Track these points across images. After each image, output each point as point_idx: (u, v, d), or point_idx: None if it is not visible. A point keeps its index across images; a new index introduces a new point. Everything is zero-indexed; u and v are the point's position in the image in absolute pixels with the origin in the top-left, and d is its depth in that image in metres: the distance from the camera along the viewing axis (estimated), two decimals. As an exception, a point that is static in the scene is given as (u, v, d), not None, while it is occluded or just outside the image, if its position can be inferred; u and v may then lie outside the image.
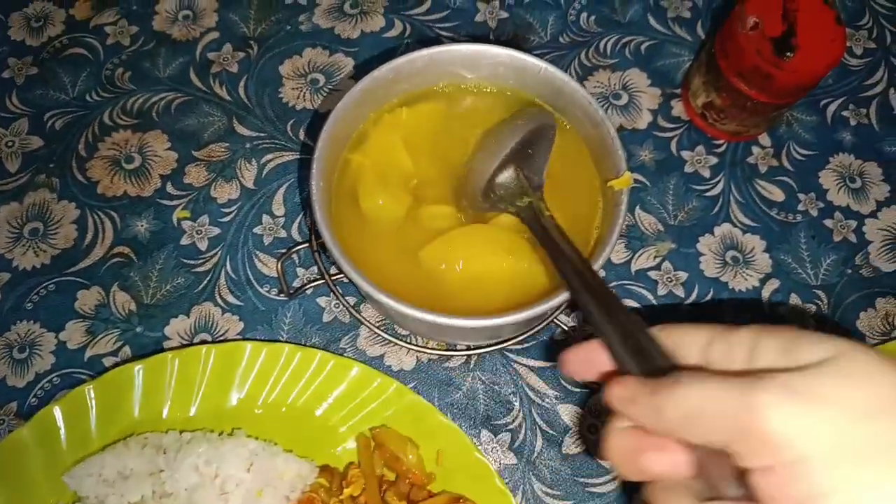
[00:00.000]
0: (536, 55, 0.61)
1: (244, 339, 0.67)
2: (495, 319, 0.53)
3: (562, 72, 0.61)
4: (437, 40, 0.82)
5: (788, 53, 0.66)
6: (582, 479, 0.64)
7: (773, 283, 0.72)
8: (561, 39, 0.83)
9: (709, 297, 0.71)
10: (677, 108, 0.80)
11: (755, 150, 0.78)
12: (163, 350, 0.67)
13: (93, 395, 0.61)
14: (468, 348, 0.68)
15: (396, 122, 0.63)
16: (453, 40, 0.82)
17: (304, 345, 0.67)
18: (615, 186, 0.57)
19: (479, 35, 0.82)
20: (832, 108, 0.81)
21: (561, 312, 0.68)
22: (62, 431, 0.60)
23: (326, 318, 0.69)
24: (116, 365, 0.66)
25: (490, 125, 0.63)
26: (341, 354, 0.67)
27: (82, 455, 0.60)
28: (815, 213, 0.75)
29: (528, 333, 0.66)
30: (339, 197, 0.61)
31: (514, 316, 0.53)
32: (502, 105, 0.64)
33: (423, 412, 0.61)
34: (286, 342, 0.66)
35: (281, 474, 0.58)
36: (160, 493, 0.57)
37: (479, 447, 0.64)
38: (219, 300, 0.70)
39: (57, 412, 0.60)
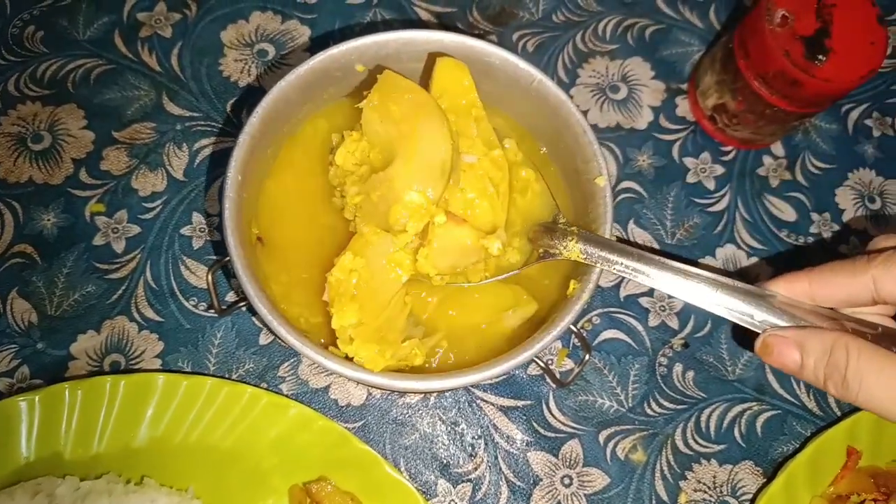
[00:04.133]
0: (524, 35, 0.50)
1: (161, 370, 0.57)
2: (456, 379, 0.43)
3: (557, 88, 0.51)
4: (411, 15, 0.71)
5: (821, 56, 0.55)
6: (551, 541, 0.56)
7: (778, 317, 0.63)
8: (554, 17, 0.72)
9: (706, 330, 0.62)
10: (683, 106, 0.69)
11: (767, 160, 0.68)
12: (66, 374, 0.57)
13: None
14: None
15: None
16: (435, 19, 0.70)
17: (235, 373, 0.57)
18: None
19: (461, 6, 0.71)
20: (854, 114, 0.71)
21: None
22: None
23: (263, 340, 0.59)
24: (12, 388, 0.56)
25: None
26: (278, 385, 0.57)
27: (-42, 504, 0.50)
28: (828, 235, 0.67)
29: (505, 366, 0.57)
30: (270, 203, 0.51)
31: (483, 373, 0.44)
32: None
33: (370, 464, 0.52)
34: (210, 375, 0.56)
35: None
36: (49, 554, 0.48)
37: (435, 500, 0.56)
38: (135, 314, 0.59)
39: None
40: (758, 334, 0.43)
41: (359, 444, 0.52)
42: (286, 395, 0.57)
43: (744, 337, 0.62)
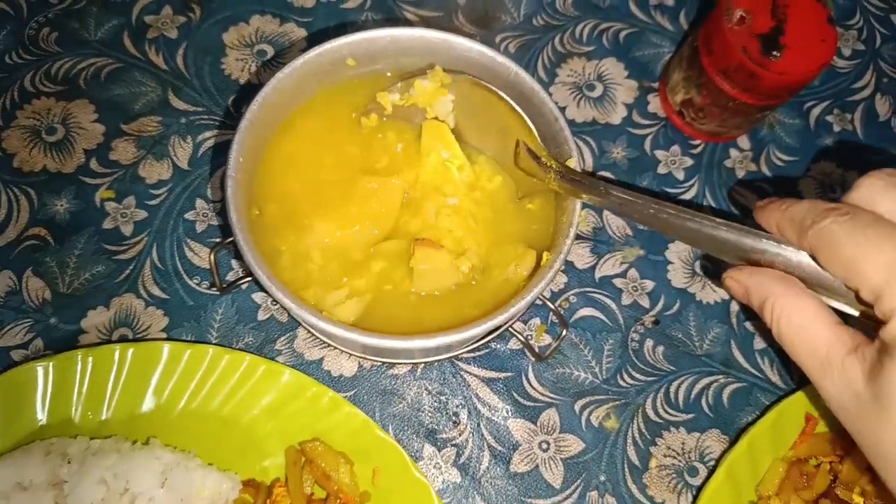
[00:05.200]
0: (507, 37, 0.55)
1: (166, 339, 0.61)
2: (439, 338, 0.47)
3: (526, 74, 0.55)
4: (400, 17, 0.76)
5: (776, 52, 0.60)
6: (529, 500, 0.60)
7: (744, 297, 0.68)
8: (534, 21, 0.77)
9: (675, 308, 0.67)
10: (654, 103, 0.74)
11: (733, 152, 0.73)
12: (77, 345, 0.61)
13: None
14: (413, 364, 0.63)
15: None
16: (423, 23, 0.76)
17: (235, 346, 0.61)
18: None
19: (448, 11, 0.76)
20: (816, 111, 0.76)
21: (517, 321, 0.64)
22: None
23: (262, 315, 0.64)
24: (26, 359, 0.60)
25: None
26: (275, 357, 0.61)
27: (-24, 462, 0.54)
28: (791, 222, 0.71)
29: (482, 342, 0.61)
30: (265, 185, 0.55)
31: (461, 334, 0.48)
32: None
33: (360, 426, 0.56)
34: (213, 344, 0.60)
35: (199, 490, 0.53)
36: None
37: (421, 463, 0.60)
38: (142, 292, 0.63)
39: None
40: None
41: (350, 407, 0.56)
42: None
43: (710, 315, 0.67)
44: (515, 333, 0.63)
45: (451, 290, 0.54)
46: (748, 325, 0.67)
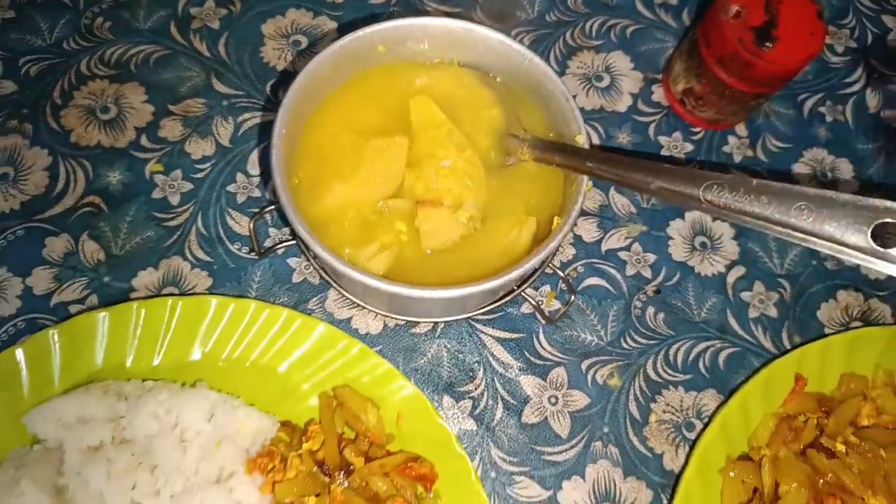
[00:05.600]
0: (521, 32, 0.61)
1: (211, 294, 0.67)
2: (457, 290, 0.53)
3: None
4: (423, 12, 0.82)
5: (768, 44, 0.66)
6: (539, 448, 0.65)
7: (739, 270, 0.73)
8: (548, 17, 0.83)
9: (675, 279, 0.72)
10: (658, 93, 0.80)
11: (731, 139, 0.79)
12: (129, 300, 0.67)
13: (57, 339, 0.61)
14: (434, 323, 0.68)
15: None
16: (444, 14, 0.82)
17: (272, 303, 0.67)
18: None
19: (467, 7, 0.82)
20: (809, 103, 0.82)
21: (529, 286, 0.69)
22: (24, 374, 0.60)
23: (296, 278, 0.70)
24: (82, 312, 0.66)
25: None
26: (309, 315, 0.67)
27: (43, 398, 0.60)
28: (784, 204, 0.77)
29: (496, 304, 0.67)
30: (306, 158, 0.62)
31: (476, 287, 0.54)
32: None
33: (386, 375, 0.62)
34: (253, 299, 0.66)
35: (241, 427, 0.59)
36: (119, 438, 0.58)
37: (440, 412, 0.65)
38: (188, 255, 0.70)
39: (19, 354, 0.60)
40: None
41: (377, 358, 0.62)
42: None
43: (708, 286, 0.72)
44: (528, 298, 0.68)
45: (458, 243, 0.60)
46: (743, 295, 0.72)
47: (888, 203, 0.45)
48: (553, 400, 0.67)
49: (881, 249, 0.44)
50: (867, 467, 0.59)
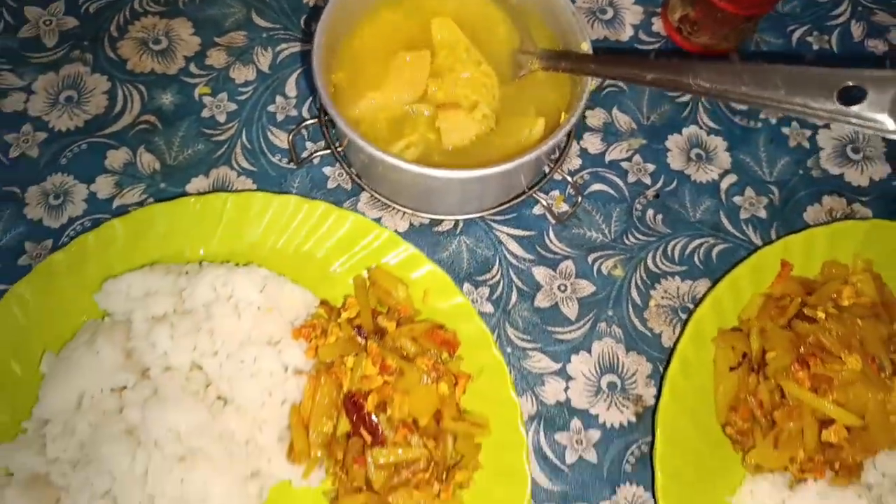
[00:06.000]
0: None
1: (258, 191, 0.76)
2: (474, 172, 0.61)
3: None
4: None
5: (753, -36, 0.74)
6: (549, 328, 0.72)
7: (731, 178, 0.80)
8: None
9: (672, 185, 0.79)
10: (657, 24, 0.88)
11: (724, 64, 0.86)
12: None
13: (121, 229, 0.69)
14: (456, 220, 0.76)
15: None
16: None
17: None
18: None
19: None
20: (798, 33, 0.89)
21: (539, 189, 0.77)
22: (93, 259, 0.68)
23: (331, 184, 0.78)
24: (141, 215, 0.75)
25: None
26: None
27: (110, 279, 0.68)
28: (774, 121, 0.84)
29: (510, 204, 0.75)
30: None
31: (491, 170, 0.62)
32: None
33: (413, 258, 0.70)
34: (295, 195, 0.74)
35: (287, 299, 0.66)
36: (181, 310, 0.66)
37: (461, 297, 0.73)
38: (235, 165, 0.78)
39: (90, 239, 0.68)
40: None
41: (405, 244, 0.70)
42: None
43: (703, 191, 0.79)
44: (539, 199, 0.76)
45: (475, 140, 0.68)
46: (735, 199, 0.79)
47: (850, 70, 0.52)
48: (562, 288, 0.74)
49: (845, 108, 0.52)
50: (844, 332, 0.65)
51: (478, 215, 0.75)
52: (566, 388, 0.71)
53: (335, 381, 0.63)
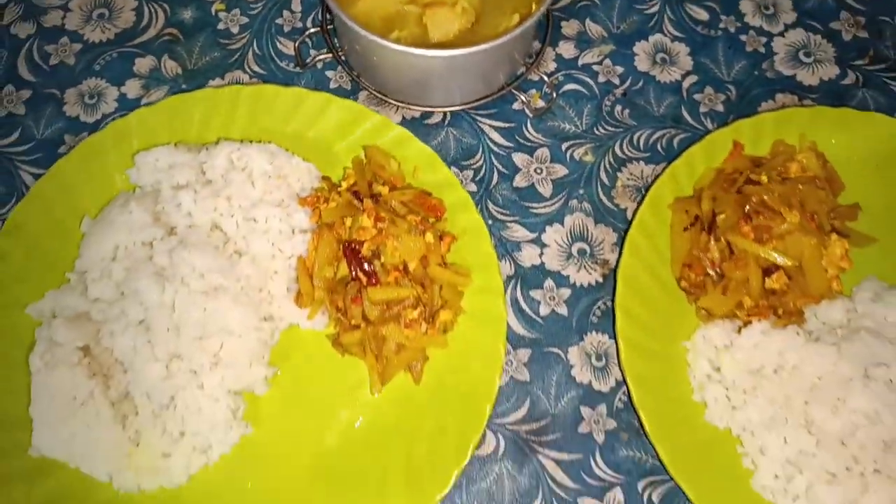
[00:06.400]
0: None
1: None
2: (460, 50, 0.71)
3: None
4: None
5: None
6: (526, 204, 0.82)
7: (693, 78, 0.89)
8: None
9: (639, 85, 0.88)
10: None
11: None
12: (203, 97, 0.85)
13: (149, 116, 0.79)
14: (444, 114, 0.85)
15: None
16: None
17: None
18: None
19: None
20: (757, -46, 0.97)
21: (519, 88, 0.86)
22: (125, 139, 0.78)
23: (333, 85, 0.87)
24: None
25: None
26: (343, 107, 0.85)
27: (142, 156, 0.78)
28: (732, 30, 0.92)
29: (491, 99, 0.84)
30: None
31: (473, 49, 0.71)
32: None
33: (404, 139, 0.79)
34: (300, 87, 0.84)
35: (295, 171, 0.76)
36: (202, 179, 0.75)
37: (448, 177, 0.82)
38: (247, 69, 0.88)
39: (123, 123, 0.78)
40: None
41: (398, 128, 0.79)
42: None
43: (666, 90, 0.88)
44: (518, 96, 0.85)
45: (457, 34, 0.77)
46: (695, 96, 0.88)
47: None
48: (538, 171, 0.83)
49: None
50: (786, 192, 0.74)
51: (462, 107, 0.84)
52: (541, 254, 0.80)
53: (335, 236, 0.72)
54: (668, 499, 0.70)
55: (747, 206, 0.74)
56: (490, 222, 0.81)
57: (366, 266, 0.70)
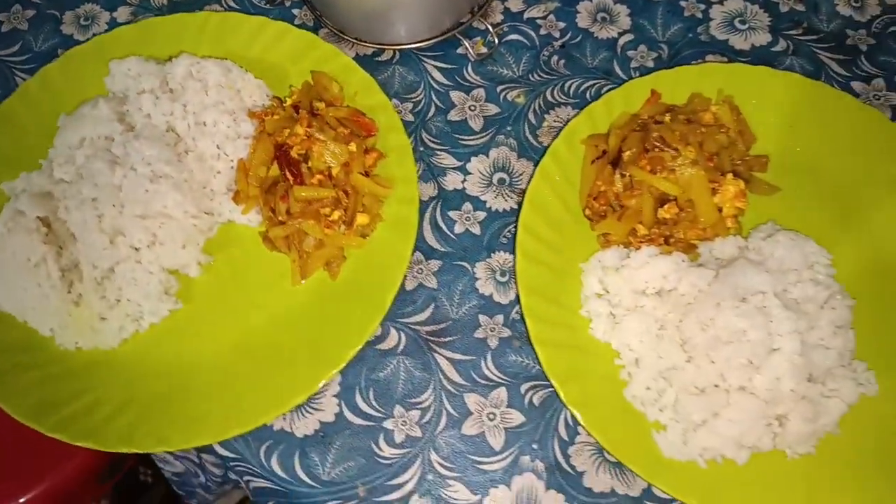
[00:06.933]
0: None
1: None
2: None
3: None
4: None
5: None
6: (457, 136, 0.89)
7: (629, 37, 0.95)
8: None
9: (577, 40, 0.95)
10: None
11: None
12: (180, 25, 0.95)
13: (129, 32, 0.90)
14: (393, 52, 0.94)
15: None
16: None
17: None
18: None
19: None
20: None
21: (464, 35, 0.93)
22: (107, 52, 0.89)
23: (297, 21, 0.96)
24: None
25: None
26: (302, 39, 0.94)
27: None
28: (674, -2, 0.99)
29: (437, 40, 0.92)
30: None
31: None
32: None
33: (349, 67, 0.87)
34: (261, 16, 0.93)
35: (248, 87, 0.85)
36: (164, 88, 0.85)
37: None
38: (223, 3, 0.98)
39: (104, 38, 0.89)
40: None
41: (343, 56, 0.88)
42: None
43: (602, 46, 0.95)
44: (463, 41, 0.93)
45: None
46: (629, 53, 0.94)
47: None
48: (472, 108, 0.91)
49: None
50: (686, 132, 0.80)
51: (410, 46, 0.92)
52: (464, 181, 0.87)
53: (273, 141, 0.81)
54: (546, 402, 0.77)
55: (647, 142, 0.80)
56: (422, 149, 0.88)
57: (294, 166, 0.79)
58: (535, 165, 0.87)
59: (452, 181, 0.87)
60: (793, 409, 0.71)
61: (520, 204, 0.85)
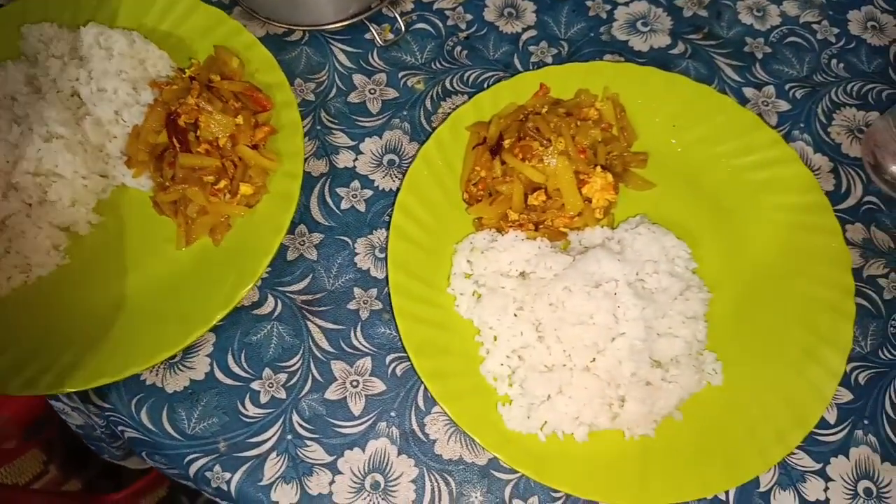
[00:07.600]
0: None
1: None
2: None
3: None
4: None
5: None
6: (354, 118, 0.93)
7: (532, 32, 0.99)
8: None
9: (482, 33, 0.98)
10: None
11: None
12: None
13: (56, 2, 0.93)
14: (303, 33, 0.97)
15: None
16: None
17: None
18: None
19: None
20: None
21: (373, 20, 0.97)
22: (28, 16, 0.92)
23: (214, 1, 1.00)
24: None
25: None
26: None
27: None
28: (582, -3, 1.02)
29: (345, 24, 0.95)
30: None
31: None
32: None
33: (251, 44, 0.91)
34: None
35: (152, 57, 0.89)
36: (75, 55, 0.89)
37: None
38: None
39: (27, 3, 0.93)
40: None
41: (246, 32, 0.91)
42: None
43: (505, 40, 0.98)
44: (371, 27, 0.96)
45: None
46: (530, 48, 0.98)
47: None
48: (372, 91, 0.94)
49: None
50: (560, 124, 0.83)
51: (318, 28, 0.96)
52: (355, 160, 0.90)
53: (166, 109, 0.85)
54: (408, 374, 0.80)
55: (522, 131, 0.84)
56: (319, 127, 0.92)
57: (181, 134, 0.82)
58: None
59: (344, 159, 0.90)
60: (630, 391, 0.74)
61: (406, 185, 0.89)
